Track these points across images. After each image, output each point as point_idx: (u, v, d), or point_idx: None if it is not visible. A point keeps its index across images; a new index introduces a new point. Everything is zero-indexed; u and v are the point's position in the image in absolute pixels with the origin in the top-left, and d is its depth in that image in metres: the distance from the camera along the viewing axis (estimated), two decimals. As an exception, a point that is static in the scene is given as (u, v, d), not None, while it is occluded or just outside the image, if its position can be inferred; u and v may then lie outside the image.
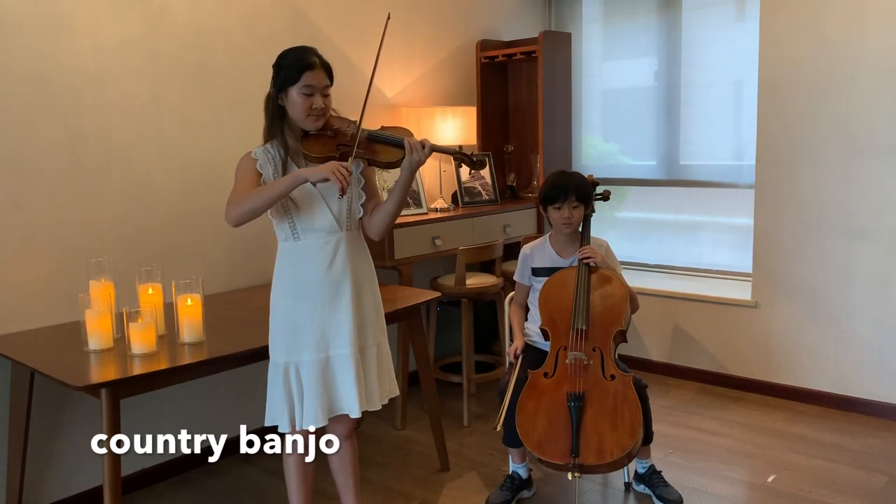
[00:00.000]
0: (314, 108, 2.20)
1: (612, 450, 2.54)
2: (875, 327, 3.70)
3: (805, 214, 3.85)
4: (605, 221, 4.65)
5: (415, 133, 3.99)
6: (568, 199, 2.84)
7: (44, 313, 2.81)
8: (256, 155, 2.25)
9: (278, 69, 2.23)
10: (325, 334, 2.29)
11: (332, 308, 2.28)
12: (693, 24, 4.38)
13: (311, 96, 2.19)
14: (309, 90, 2.19)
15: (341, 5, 3.77)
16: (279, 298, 2.32)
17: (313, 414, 2.28)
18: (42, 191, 2.79)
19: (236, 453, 3.44)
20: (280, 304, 2.32)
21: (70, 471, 2.95)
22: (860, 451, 3.37)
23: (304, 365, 2.28)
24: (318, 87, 2.21)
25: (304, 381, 2.29)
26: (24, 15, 2.70)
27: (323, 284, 2.27)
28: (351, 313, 2.30)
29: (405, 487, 3.13)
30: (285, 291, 2.30)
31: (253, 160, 2.24)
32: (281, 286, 2.32)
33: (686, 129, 4.48)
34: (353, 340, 2.30)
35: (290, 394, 2.29)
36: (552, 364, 2.73)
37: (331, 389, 2.32)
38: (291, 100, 2.20)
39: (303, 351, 2.28)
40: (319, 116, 2.23)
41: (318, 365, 2.28)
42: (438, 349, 4.26)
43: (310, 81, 2.19)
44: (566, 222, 2.86)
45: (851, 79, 3.64)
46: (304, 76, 2.18)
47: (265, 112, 2.28)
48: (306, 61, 2.19)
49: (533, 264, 2.96)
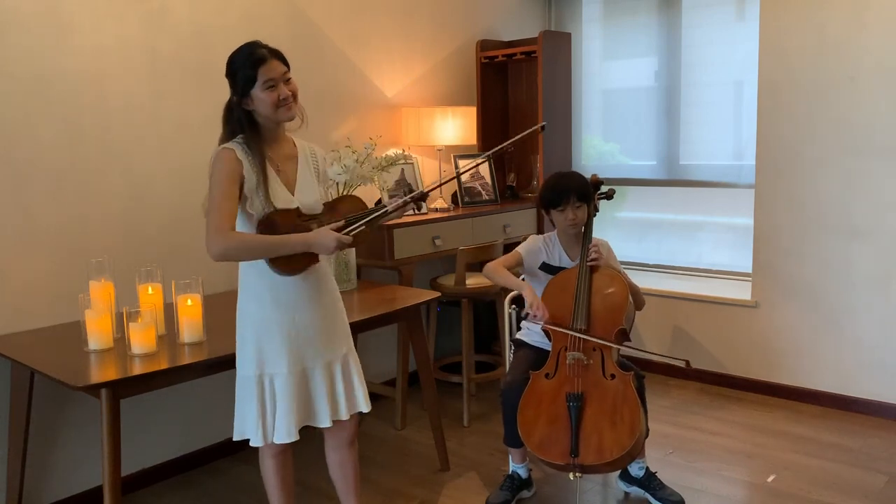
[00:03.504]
0: (282, 97, 2.15)
1: (612, 449, 2.54)
2: (875, 327, 3.70)
3: (805, 214, 3.85)
4: (606, 221, 4.65)
5: (415, 133, 4.02)
6: (570, 201, 2.84)
7: (44, 313, 2.81)
8: (241, 156, 2.14)
9: (233, 75, 2.16)
10: (299, 344, 2.25)
11: (304, 316, 2.25)
12: (693, 24, 4.38)
13: (274, 88, 2.13)
14: (271, 82, 2.12)
15: (341, 5, 3.77)
16: (250, 306, 2.26)
17: (286, 429, 2.24)
18: (42, 191, 2.79)
19: (236, 453, 3.45)
20: (252, 313, 2.25)
21: (70, 471, 2.95)
22: (860, 451, 3.37)
23: (279, 377, 2.24)
24: (278, 76, 2.14)
25: (277, 394, 2.24)
26: (24, 15, 2.70)
27: (297, 291, 2.24)
28: (321, 321, 2.28)
29: (405, 487, 3.13)
30: (258, 299, 2.24)
31: (237, 163, 2.13)
32: (252, 294, 2.25)
33: (686, 129, 4.49)
34: (325, 350, 2.29)
35: (264, 406, 2.25)
36: (553, 365, 2.73)
37: (306, 402, 2.29)
38: (257, 99, 2.14)
39: (276, 363, 2.23)
40: (290, 104, 2.18)
41: (294, 377, 2.24)
42: (438, 349, 4.26)
43: (268, 74, 2.12)
44: (572, 223, 2.86)
45: (851, 79, 3.65)
46: (259, 71, 2.11)
47: (225, 122, 2.21)
48: (256, 56, 2.12)
49: (545, 258, 2.95)
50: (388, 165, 3.56)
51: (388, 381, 4.01)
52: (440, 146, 4.10)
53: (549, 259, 2.94)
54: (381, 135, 3.91)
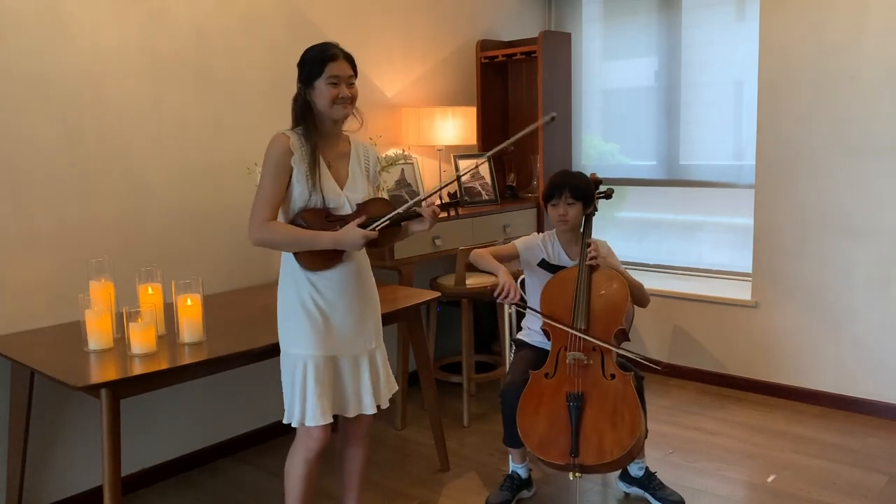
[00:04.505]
0: (340, 96, 2.25)
1: (612, 449, 2.54)
2: (875, 327, 3.70)
3: (805, 214, 3.85)
4: (606, 221, 4.65)
5: (415, 133, 4.02)
6: (563, 196, 2.84)
7: (44, 313, 2.81)
8: (294, 147, 2.25)
9: (302, 65, 2.28)
10: (332, 333, 2.30)
11: (340, 307, 2.31)
12: (693, 24, 4.38)
13: (337, 85, 2.25)
14: (335, 80, 2.24)
15: (341, 5, 3.77)
16: (291, 291, 2.32)
17: (321, 411, 2.27)
18: (42, 191, 2.79)
19: (236, 453, 3.45)
20: (293, 297, 2.31)
21: (70, 471, 2.95)
22: (860, 451, 3.37)
23: (312, 360, 2.28)
24: (343, 76, 2.26)
25: (310, 378, 2.28)
26: (24, 15, 2.70)
27: (335, 281, 2.29)
28: (354, 314, 2.34)
29: (405, 487, 3.13)
30: (298, 284, 2.30)
31: (289, 152, 2.23)
32: (293, 279, 2.31)
33: (686, 129, 4.49)
34: (356, 343, 2.35)
35: (305, 387, 2.29)
36: (553, 364, 2.73)
37: (337, 390, 2.34)
38: (318, 90, 2.25)
39: (312, 346, 2.28)
40: (346, 104, 2.28)
41: (327, 363, 2.30)
42: (438, 349, 4.26)
43: (335, 72, 2.24)
44: (561, 219, 2.87)
45: (851, 79, 3.65)
46: (327, 67, 2.23)
47: (293, 112, 2.32)
48: (329, 53, 2.25)
49: (544, 256, 2.95)
50: (388, 165, 3.57)
51: (388, 381, 4.00)
52: (440, 146, 4.10)
53: (549, 257, 2.94)
54: (381, 135, 3.91)
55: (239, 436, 3.47)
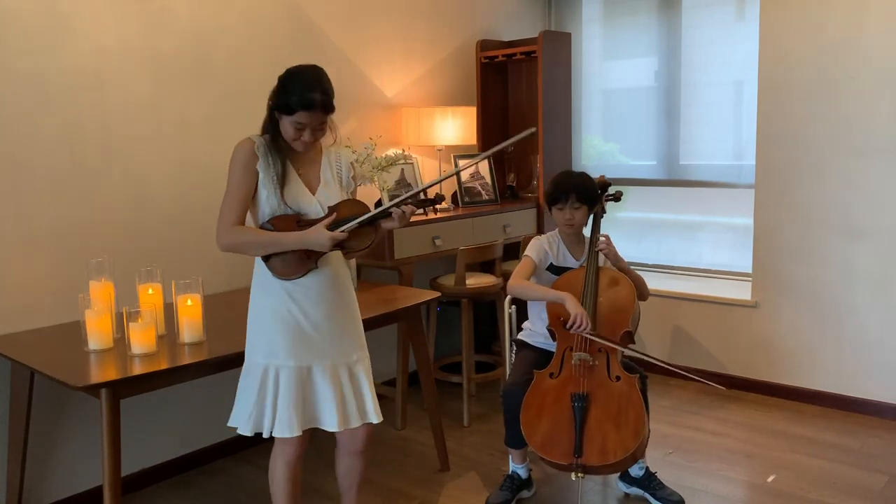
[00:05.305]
0: (302, 139, 2.20)
1: (616, 451, 2.53)
2: (875, 327, 3.70)
3: (805, 214, 3.85)
4: (606, 221, 4.55)
5: (415, 133, 4.02)
6: (569, 200, 2.84)
7: (44, 313, 2.81)
8: (259, 151, 2.20)
9: (279, 90, 2.18)
10: (306, 342, 2.25)
11: (314, 315, 2.25)
12: (693, 24, 4.38)
13: (301, 130, 2.18)
14: (301, 125, 2.17)
15: (341, 5, 3.77)
16: (263, 298, 2.27)
17: (287, 423, 2.22)
18: (42, 191, 2.79)
19: (236, 453, 3.45)
20: (265, 305, 2.27)
21: (70, 471, 2.95)
22: (860, 451, 3.37)
23: (284, 370, 2.23)
24: (313, 124, 2.18)
25: (281, 387, 2.23)
26: (24, 15, 2.70)
27: (309, 288, 2.24)
28: (330, 323, 2.28)
29: (405, 487, 3.13)
30: (272, 292, 2.25)
31: (255, 157, 2.20)
32: (266, 286, 2.26)
33: (686, 129, 4.49)
34: (332, 353, 2.28)
35: (263, 397, 2.24)
36: (558, 364, 2.73)
37: (310, 401, 2.27)
38: (283, 123, 2.19)
39: (284, 356, 2.23)
40: (307, 145, 2.23)
41: (298, 374, 2.24)
42: (438, 349, 4.26)
43: (303, 120, 2.15)
44: (567, 223, 2.87)
45: (851, 79, 3.65)
46: (297, 114, 2.14)
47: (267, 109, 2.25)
48: (307, 100, 2.13)
49: (552, 259, 2.94)
50: (387, 165, 3.56)
51: (389, 381, 4.00)
52: (440, 146, 4.10)
53: (555, 259, 2.94)
54: (380, 135, 3.91)
55: (239, 436, 3.46)
